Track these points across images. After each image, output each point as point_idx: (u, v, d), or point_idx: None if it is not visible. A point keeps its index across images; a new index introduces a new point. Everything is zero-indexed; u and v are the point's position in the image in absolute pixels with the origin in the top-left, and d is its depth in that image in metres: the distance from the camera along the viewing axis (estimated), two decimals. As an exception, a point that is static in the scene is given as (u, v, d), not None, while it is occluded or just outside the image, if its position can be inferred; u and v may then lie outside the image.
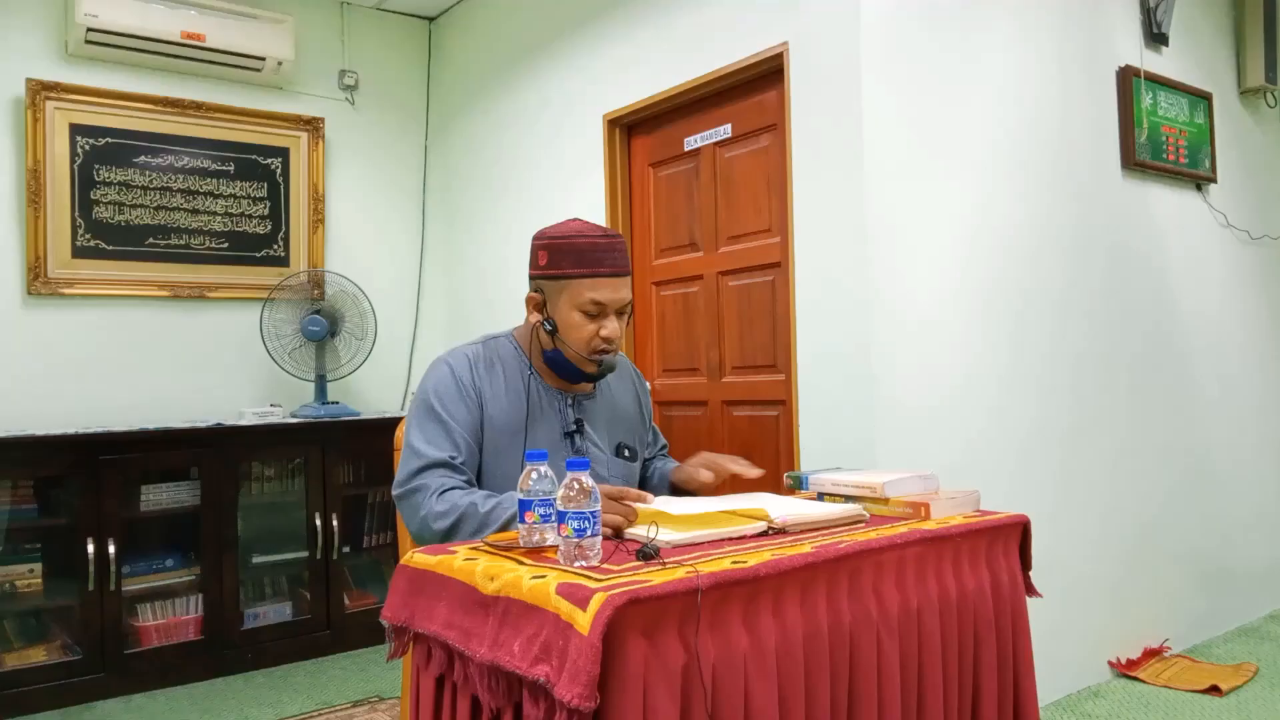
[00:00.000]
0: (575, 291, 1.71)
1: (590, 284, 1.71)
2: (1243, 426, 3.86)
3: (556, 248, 1.73)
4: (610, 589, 1.13)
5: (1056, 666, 2.89)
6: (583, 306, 1.71)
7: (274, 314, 3.86)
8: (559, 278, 1.73)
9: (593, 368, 1.76)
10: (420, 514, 1.64)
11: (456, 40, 4.44)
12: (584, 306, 1.71)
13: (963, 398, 2.80)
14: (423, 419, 1.73)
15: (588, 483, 1.29)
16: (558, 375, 1.82)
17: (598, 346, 1.74)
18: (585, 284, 1.71)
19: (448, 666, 1.33)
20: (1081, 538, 3.10)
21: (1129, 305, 3.37)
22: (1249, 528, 3.84)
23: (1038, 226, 3.06)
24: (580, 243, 1.71)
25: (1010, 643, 1.62)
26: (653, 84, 3.29)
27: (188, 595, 3.50)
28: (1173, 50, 3.59)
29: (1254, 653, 3.38)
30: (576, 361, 1.75)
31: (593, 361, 1.75)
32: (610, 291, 1.72)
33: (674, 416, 3.35)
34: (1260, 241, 4.02)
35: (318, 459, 3.76)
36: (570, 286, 1.71)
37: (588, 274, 1.70)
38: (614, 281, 1.72)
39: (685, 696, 1.17)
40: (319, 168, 4.21)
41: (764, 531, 1.49)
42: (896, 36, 2.68)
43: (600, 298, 1.71)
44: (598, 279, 1.71)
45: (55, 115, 3.62)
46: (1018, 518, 1.68)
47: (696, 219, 3.25)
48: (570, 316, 1.72)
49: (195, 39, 3.75)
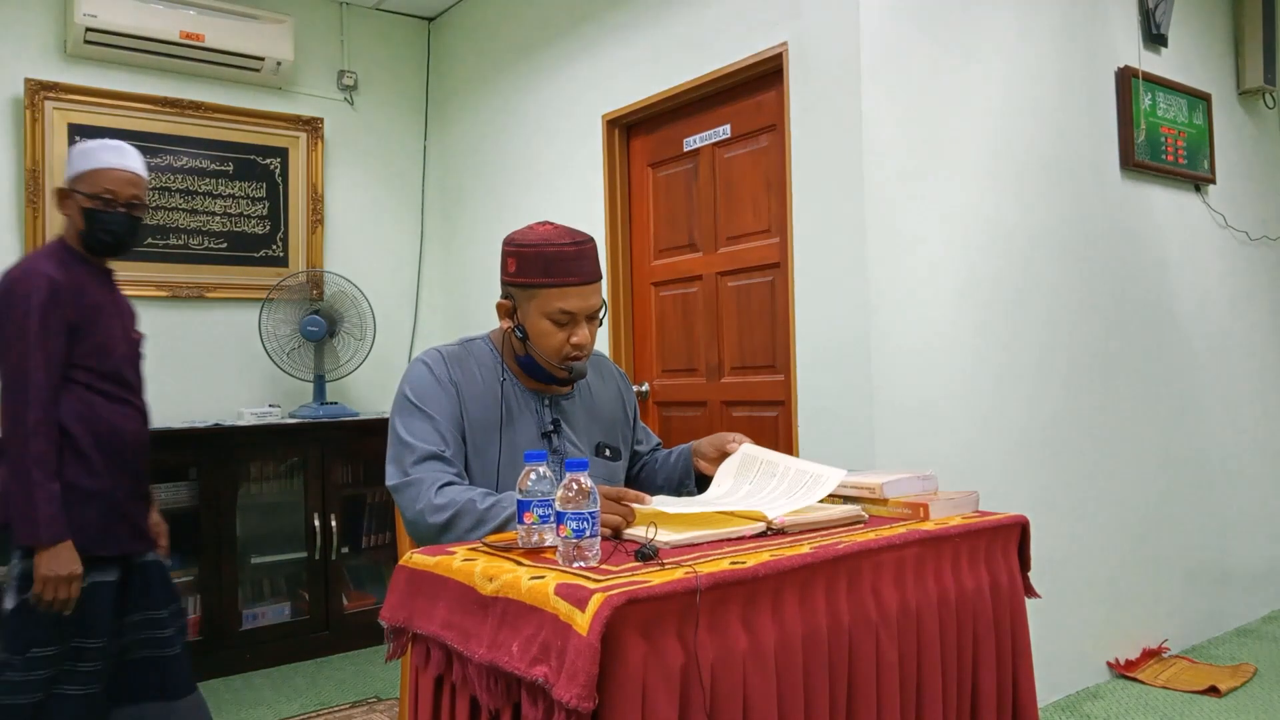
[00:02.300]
0: (544, 300, 1.70)
1: (559, 294, 1.69)
2: (1242, 427, 3.86)
3: (524, 256, 1.71)
4: (609, 589, 1.13)
5: (1056, 667, 2.89)
6: (552, 316, 1.71)
7: (273, 314, 3.86)
8: (528, 286, 1.72)
9: (564, 374, 1.77)
10: (418, 507, 1.64)
11: (456, 40, 4.44)
12: (553, 316, 1.71)
13: (962, 399, 2.80)
14: (406, 416, 1.73)
15: (587, 483, 1.28)
16: (531, 378, 1.83)
17: (569, 354, 1.74)
18: (554, 294, 1.69)
19: (446, 667, 1.33)
20: (1081, 538, 3.10)
21: (1128, 306, 3.37)
22: (1248, 528, 3.85)
23: (1037, 227, 3.06)
24: (548, 251, 1.69)
25: (1009, 643, 1.62)
26: (652, 84, 3.29)
27: (186, 595, 3.49)
28: (1172, 51, 3.59)
29: (1252, 653, 3.38)
30: (548, 368, 1.76)
31: (564, 368, 1.75)
32: (579, 300, 1.71)
33: (673, 417, 3.35)
34: (1259, 242, 4.02)
35: (316, 459, 3.76)
36: (539, 295, 1.70)
37: (556, 284, 1.69)
38: (583, 290, 1.71)
39: (684, 697, 1.17)
40: (318, 168, 4.21)
41: (763, 532, 1.49)
42: (896, 37, 2.68)
43: (569, 307, 1.70)
44: (566, 288, 1.70)
45: (54, 115, 3.62)
46: (1017, 518, 1.68)
47: (695, 219, 3.25)
48: (540, 324, 1.72)
49: (194, 39, 3.75)
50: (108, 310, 2.22)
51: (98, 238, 2.19)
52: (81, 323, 2.13)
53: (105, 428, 2.18)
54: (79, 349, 2.13)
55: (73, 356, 2.12)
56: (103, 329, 2.19)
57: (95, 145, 2.21)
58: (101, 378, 2.18)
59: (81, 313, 2.14)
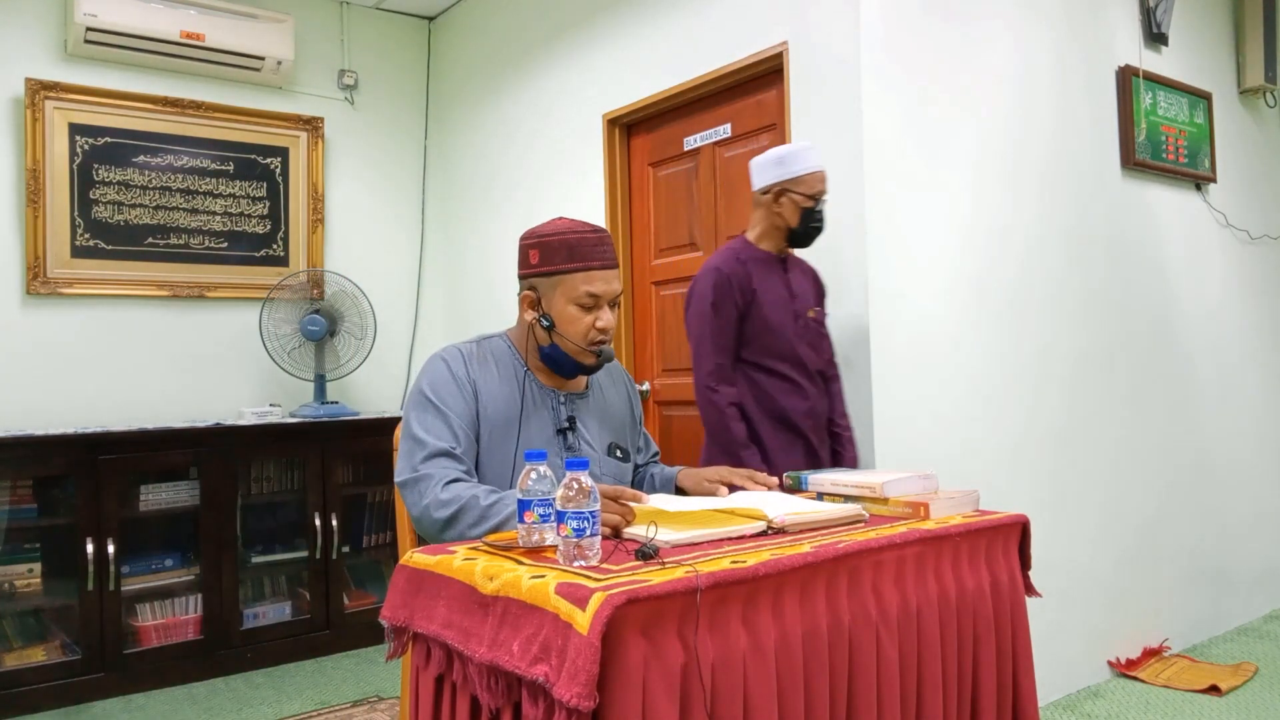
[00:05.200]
0: (570, 285, 1.76)
1: (584, 277, 1.75)
2: (1242, 426, 3.86)
3: (548, 245, 1.77)
4: (609, 589, 1.13)
5: (1056, 666, 2.89)
6: (578, 299, 1.76)
7: (273, 314, 3.86)
8: (553, 273, 1.77)
9: (592, 358, 1.80)
10: (424, 502, 1.66)
11: (456, 40, 4.44)
12: (579, 299, 1.76)
13: (962, 398, 2.80)
14: (421, 411, 1.76)
15: (587, 483, 1.28)
16: (554, 372, 1.85)
17: (594, 338, 1.78)
18: (579, 277, 1.75)
19: (447, 666, 1.33)
20: (1081, 537, 3.10)
21: (1128, 305, 3.37)
22: (1249, 528, 3.84)
23: (1037, 226, 3.06)
24: (571, 238, 1.76)
25: (1010, 642, 1.62)
26: (652, 83, 3.29)
27: (187, 595, 3.50)
28: (1172, 50, 3.59)
29: (1253, 652, 3.38)
30: (576, 354, 1.79)
31: (591, 352, 1.79)
32: (603, 283, 1.77)
33: (674, 416, 3.35)
34: (1260, 241, 4.02)
35: (317, 459, 3.76)
36: (565, 281, 1.76)
37: (581, 268, 1.75)
38: (606, 274, 1.77)
39: (684, 696, 1.17)
40: (318, 167, 4.21)
41: (763, 531, 1.49)
42: (896, 36, 2.68)
43: (595, 289, 1.76)
44: (591, 272, 1.76)
45: (54, 115, 3.62)
46: (1017, 517, 1.68)
47: (696, 218, 3.25)
48: (566, 310, 1.77)
49: (195, 38, 3.75)
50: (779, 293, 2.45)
51: (809, 231, 2.44)
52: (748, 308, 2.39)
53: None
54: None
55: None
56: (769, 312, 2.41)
57: (801, 149, 2.43)
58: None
59: (748, 297, 2.39)
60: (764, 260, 2.46)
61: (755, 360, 2.42)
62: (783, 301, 2.44)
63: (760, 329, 2.41)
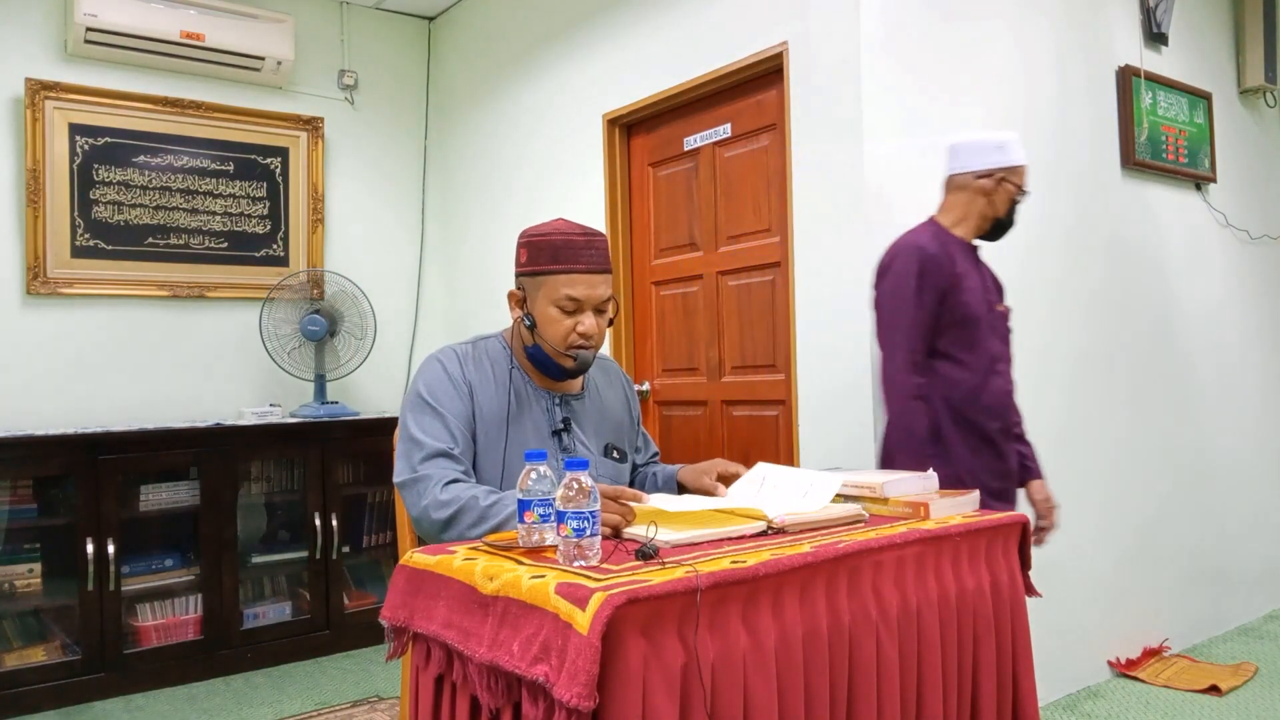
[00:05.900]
0: (552, 287, 1.76)
1: (566, 280, 1.75)
2: (1242, 426, 3.86)
3: (534, 245, 1.78)
4: (609, 589, 1.13)
5: (1056, 666, 2.89)
6: (559, 302, 1.75)
7: (273, 314, 3.86)
8: (537, 274, 1.77)
9: (569, 362, 1.79)
10: (423, 502, 1.66)
11: (456, 40, 4.44)
12: (560, 302, 1.75)
13: (962, 397, 2.80)
14: (418, 412, 1.76)
15: (587, 483, 1.28)
16: (542, 373, 1.85)
17: (574, 342, 1.77)
18: (561, 280, 1.75)
19: (447, 666, 1.33)
20: (1081, 537, 3.10)
21: (1129, 305, 3.37)
22: (1249, 528, 3.84)
23: (1038, 226, 3.05)
24: (558, 240, 1.76)
25: (1010, 642, 1.62)
26: (652, 84, 3.29)
27: (187, 595, 3.50)
28: (1172, 50, 3.59)
29: (1253, 653, 3.38)
30: (554, 356, 1.79)
31: (569, 356, 1.78)
32: (586, 288, 1.75)
33: (674, 416, 3.35)
34: (1260, 241, 4.02)
35: (317, 459, 3.76)
36: (547, 282, 1.76)
37: (563, 270, 1.75)
38: (590, 278, 1.76)
39: (684, 696, 1.17)
40: (318, 167, 4.21)
41: (763, 531, 1.49)
42: (896, 36, 2.68)
43: (576, 294, 1.75)
44: (574, 275, 1.75)
45: (54, 115, 3.62)
46: (1017, 517, 1.68)
47: (696, 219, 3.25)
48: (547, 311, 1.77)
49: (194, 39, 3.75)
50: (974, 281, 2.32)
51: (1011, 221, 2.37)
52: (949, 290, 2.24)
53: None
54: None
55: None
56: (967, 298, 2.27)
57: (1014, 140, 2.35)
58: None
59: (950, 280, 2.23)
60: (962, 246, 2.32)
61: (948, 351, 2.24)
62: (981, 291, 2.30)
63: (959, 318, 2.22)
